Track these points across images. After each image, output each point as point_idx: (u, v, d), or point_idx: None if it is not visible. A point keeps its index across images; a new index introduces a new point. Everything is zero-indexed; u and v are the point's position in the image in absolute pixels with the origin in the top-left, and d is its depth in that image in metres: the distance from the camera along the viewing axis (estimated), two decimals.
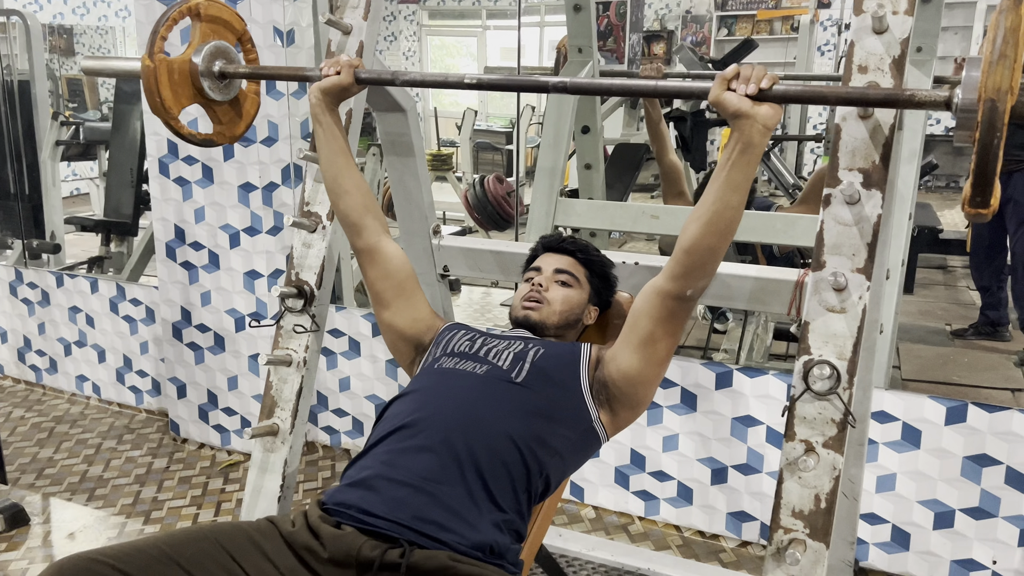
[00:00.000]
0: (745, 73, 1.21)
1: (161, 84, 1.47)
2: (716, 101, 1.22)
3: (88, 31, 8.66)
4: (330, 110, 1.56)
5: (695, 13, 9.78)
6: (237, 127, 1.68)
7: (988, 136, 1.02)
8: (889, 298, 2.29)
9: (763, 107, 1.21)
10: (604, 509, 2.74)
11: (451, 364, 1.53)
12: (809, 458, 1.30)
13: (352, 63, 1.52)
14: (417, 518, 1.28)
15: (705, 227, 1.29)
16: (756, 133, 1.22)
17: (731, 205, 1.27)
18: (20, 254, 4.14)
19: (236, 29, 1.63)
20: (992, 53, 1.01)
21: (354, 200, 1.60)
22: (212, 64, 1.56)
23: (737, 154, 1.24)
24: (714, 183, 1.28)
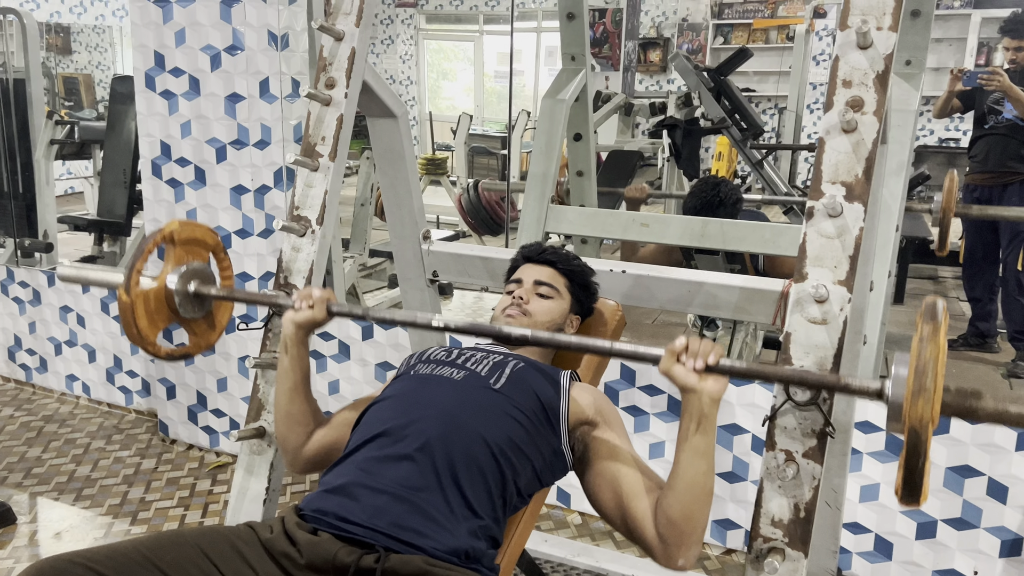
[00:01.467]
0: (693, 348, 1.25)
1: (138, 316, 1.48)
2: (666, 372, 1.26)
3: (85, 30, 8.66)
4: (301, 342, 1.55)
5: (691, 21, 9.82)
6: (211, 336, 1.69)
7: (914, 458, 1.06)
8: (875, 309, 2.31)
9: (708, 381, 1.25)
10: (590, 515, 2.75)
11: (428, 370, 1.54)
12: (789, 467, 1.31)
13: (323, 297, 1.51)
14: (395, 525, 1.29)
15: (684, 499, 1.30)
16: (705, 404, 1.26)
17: (700, 471, 1.29)
18: (12, 253, 4.14)
19: (209, 244, 1.65)
20: (913, 383, 1.05)
21: (301, 430, 1.58)
22: (187, 286, 1.57)
23: (694, 426, 1.28)
24: (680, 456, 1.30)
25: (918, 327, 1.09)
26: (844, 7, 1.38)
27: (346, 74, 1.78)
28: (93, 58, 8.87)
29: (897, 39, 1.36)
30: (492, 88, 11.21)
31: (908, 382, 1.07)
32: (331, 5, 1.83)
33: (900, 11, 1.36)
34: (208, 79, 2.80)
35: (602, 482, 1.43)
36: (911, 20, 2.40)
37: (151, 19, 2.81)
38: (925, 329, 1.09)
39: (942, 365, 1.07)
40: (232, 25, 2.73)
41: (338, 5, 1.82)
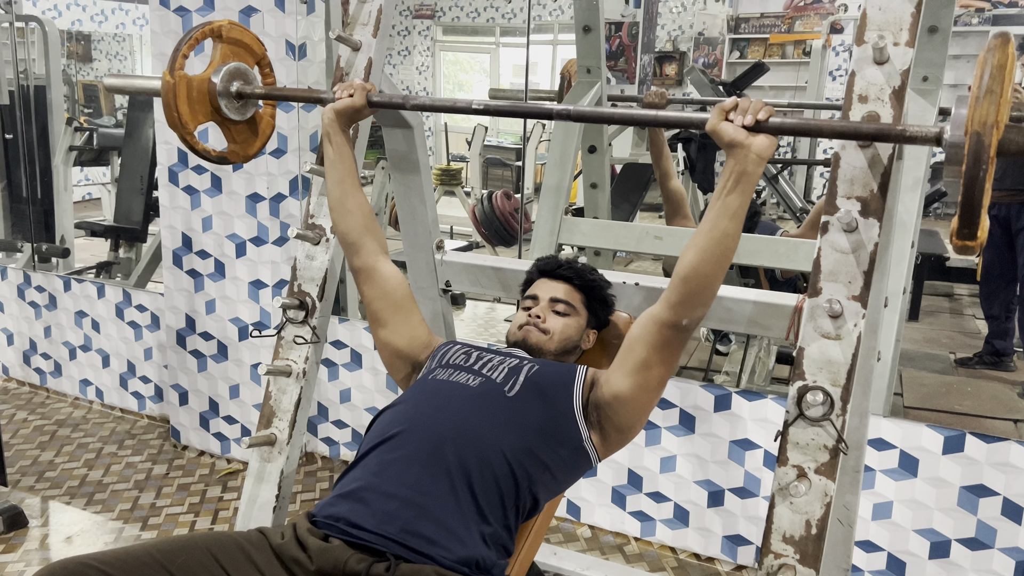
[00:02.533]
0: (743, 105, 1.25)
1: (179, 100, 1.50)
2: (713, 130, 1.26)
3: (106, 38, 8.75)
4: (342, 131, 1.60)
5: (708, 35, 9.82)
6: (251, 147, 1.71)
7: (974, 169, 1.04)
8: (889, 325, 2.29)
9: (758, 137, 1.25)
10: (600, 529, 2.73)
11: (444, 376, 1.54)
12: (801, 483, 1.31)
13: (365, 87, 1.56)
14: (405, 531, 1.29)
15: (701, 254, 1.31)
16: (751, 162, 1.25)
17: (727, 232, 1.29)
18: (29, 257, 4.18)
19: (256, 53, 1.67)
20: (979, 88, 1.03)
21: (356, 220, 1.63)
22: (230, 84, 1.59)
23: (732, 182, 1.27)
24: (710, 211, 1.30)
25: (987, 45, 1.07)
26: (861, 22, 1.38)
27: None
28: (113, 66, 8.97)
29: (914, 55, 1.36)
30: None
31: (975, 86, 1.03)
32: (349, 16, 1.84)
33: (917, 27, 1.36)
34: None
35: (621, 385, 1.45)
36: (928, 36, 2.39)
37: (171, 28, 2.84)
38: (994, 41, 1.05)
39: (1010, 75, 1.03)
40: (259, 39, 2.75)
41: (356, 16, 1.83)
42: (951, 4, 2.39)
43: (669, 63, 9.92)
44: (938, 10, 2.36)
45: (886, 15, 1.36)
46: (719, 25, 9.82)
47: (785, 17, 9.59)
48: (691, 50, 9.87)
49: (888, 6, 1.36)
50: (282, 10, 2.72)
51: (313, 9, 2.77)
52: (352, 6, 1.83)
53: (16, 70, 4.27)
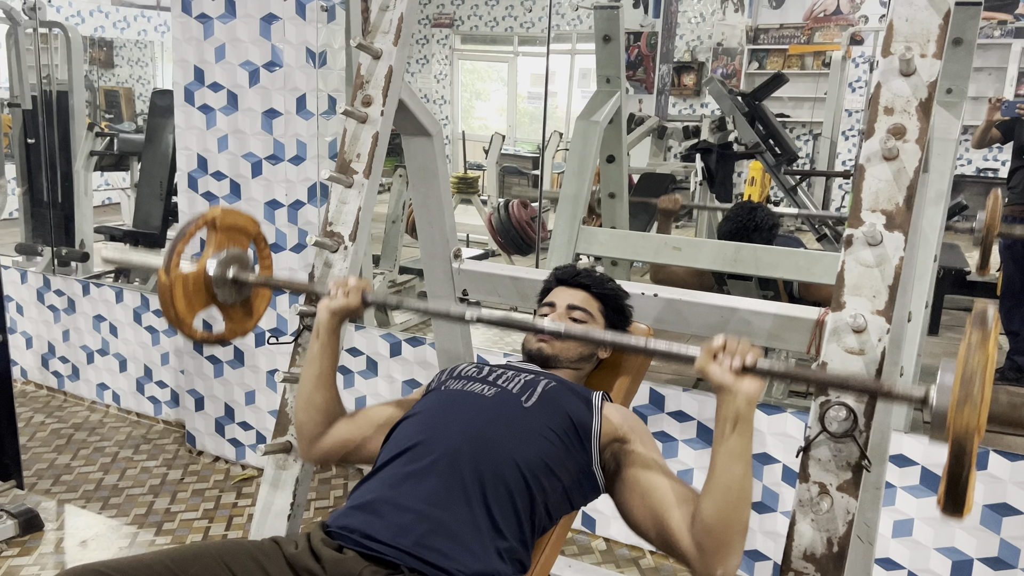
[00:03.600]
0: (730, 347, 1.24)
1: (176, 298, 1.50)
2: (701, 370, 1.25)
3: (128, 44, 8.84)
4: (333, 330, 1.57)
5: (726, 46, 9.80)
6: (248, 323, 1.71)
7: (957, 468, 1.03)
8: (911, 340, 2.27)
9: (745, 381, 1.23)
10: (615, 541, 2.71)
11: (459, 386, 1.53)
12: (823, 500, 1.28)
13: (359, 286, 1.54)
14: (420, 544, 1.28)
15: (721, 505, 1.26)
16: (741, 405, 1.23)
17: (737, 475, 1.25)
18: (49, 261, 4.21)
19: (250, 232, 1.67)
20: (960, 391, 1.02)
21: (319, 417, 1.58)
22: (226, 272, 1.59)
23: (729, 428, 1.24)
24: (716, 458, 1.26)
25: (967, 333, 1.05)
26: (887, 34, 1.37)
27: (383, 92, 1.79)
28: (134, 72, 9.05)
29: (941, 67, 1.34)
30: (525, 109, 11.24)
31: (954, 390, 1.03)
32: (369, 24, 1.84)
33: (945, 39, 1.34)
34: (246, 94, 2.83)
35: (635, 497, 1.41)
36: (953, 48, 2.38)
37: (192, 34, 2.86)
38: (974, 336, 1.05)
39: (991, 373, 1.03)
40: (271, 42, 2.77)
41: (376, 24, 1.83)
42: (976, 16, 2.37)
43: (687, 73, 9.91)
44: (963, 22, 2.34)
45: (913, 27, 1.35)
46: (738, 36, 9.80)
47: (805, 28, 9.56)
48: (709, 60, 9.86)
49: (915, 17, 1.35)
50: (303, 18, 2.73)
51: (334, 17, 2.78)
52: (373, 14, 1.83)
53: (39, 75, 4.31)
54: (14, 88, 4.43)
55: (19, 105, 4.37)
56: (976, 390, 1.01)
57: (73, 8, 7.52)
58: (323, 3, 2.72)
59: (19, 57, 4.37)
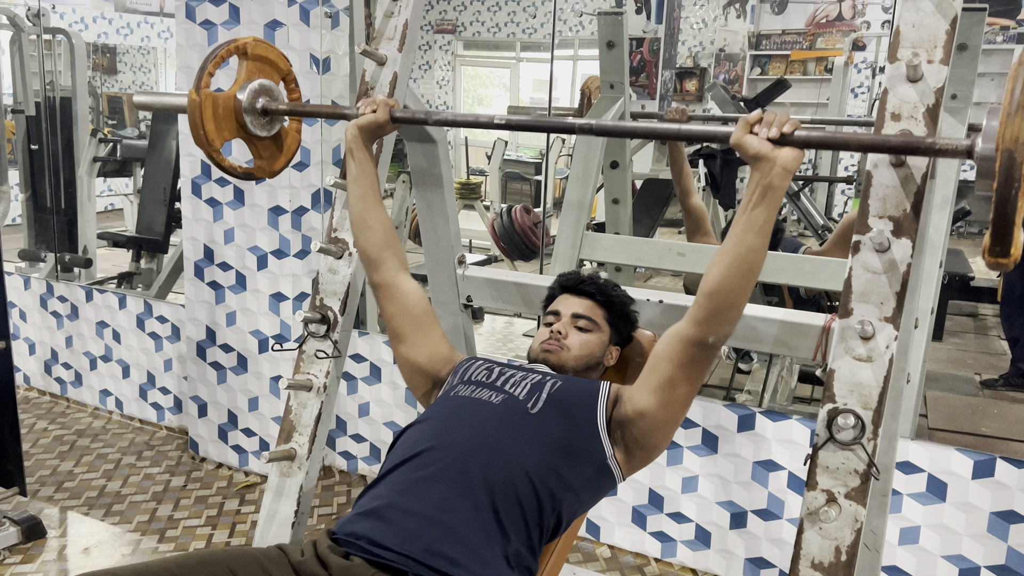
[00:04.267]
0: (768, 118, 1.24)
1: (206, 118, 1.51)
2: (738, 143, 1.24)
3: (131, 51, 8.86)
4: (365, 147, 1.60)
5: (729, 51, 9.80)
6: (277, 162, 1.72)
7: (1006, 187, 1.02)
8: (917, 346, 2.26)
9: (784, 150, 1.23)
10: (620, 549, 2.70)
11: (467, 392, 1.52)
12: (831, 508, 1.28)
13: (388, 102, 1.57)
14: (428, 551, 1.27)
15: (727, 270, 1.28)
16: (776, 176, 1.23)
17: (753, 247, 1.26)
18: (52, 267, 4.21)
19: (281, 69, 1.68)
20: (1011, 103, 1.01)
21: (376, 236, 1.62)
22: (256, 101, 1.60)
23: (758, 196, 1.24)
24: (736, 226, 1.28)
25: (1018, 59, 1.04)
26: (894, 39, 1.36)
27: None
28: (137, 78, 9.07)
29: (948, 73, 1.34)
30: None
31: (1006, 102, 1.01)
32: (374, 30, 1.84)
33: (952, 44, 1.33)
34: None
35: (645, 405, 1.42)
36: (958, 54, 2.37)
37: (196, 40, 2.86)
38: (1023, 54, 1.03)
39: None
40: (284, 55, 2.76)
41: (381, 30, 1.83)
42: (981, 22, 2.37)
43: (690, 79, 9.91)
44: (968, 28, 2.34)
45: (920, 32, 1.34)
46: (740, 41, 9.81)
47: (807, 34, 9.56)
48: (712, 66, 9.86)
49: (922, 23, 1.34)
50: (307, 24, 2.73)
51: (338, 23, 2.78)
52: (378, 20, 1.83)
53: (43, 82, 4.32)
54: (18, 94, 4.44)
55: (23, 111, 4.38)
56: None
57: (77, 15, 7.54)
58: (327, 9, 2.72)
59: (23, 63, 4.37)
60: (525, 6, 10.75)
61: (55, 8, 6.97)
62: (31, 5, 4.29)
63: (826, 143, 1.31)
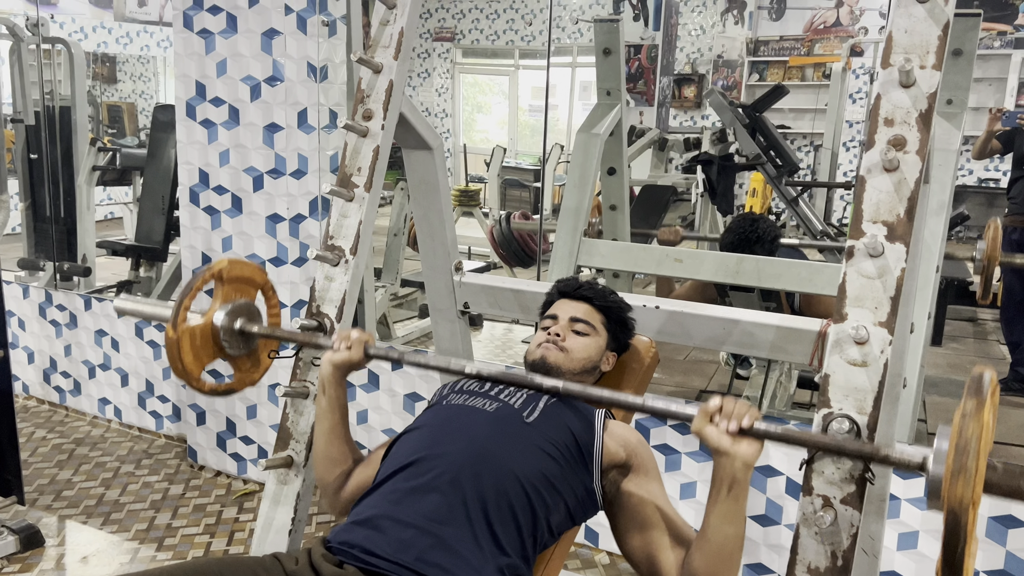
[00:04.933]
0: (727, 409, 1.22)
1: (183, 352, 1.51)
2: (698, 433, 1.24)
3: (131, 60, 8.88)
4: (338, 383, 1.58)
5: (726, 58, 9.83)
6: (255, 373, 1.72)
7: (952, 539, 1.01)
8: (914, 351, 2.26)
9: (742, 445, 1.22)
10: (618, 555, 2.69)
11: (460, 400, 1.53)
12: (826, 514, 1.27)
13: (363, 338, 1.54)
14: (420, 560, 1.27)
15: (711, 561, 1.28)
16: (738, 471, 1.23)
17: (728, 536, 1.27)
18: (51, 276, 4.21)
19: (257, 283, 1.68)
20: (953, 463, 1.00)
21: (339, 469, 1.59)
22: (233, 323, 1.60)
23: (724, 491, 1.25)
24: (708, 518, 1.27)
25: (962, 401, 1.04)
26: (886, 45, 1.37)
27: (383, 106, 1.79)
28: (137, 87, 9.09)
29: (941, 78, 1.34)
30: (526, 122, 11.28)
31: (948, 460, 1.01)
32: (370, 38, 1.85)
33: (944, 50, 1.34)
34: (247, 109, 2.84)
35: (631, 527, 1.41)
36: (953, 59, 2.38)
37: (194, 50, 2.87)
38: (969, 404, 1.03)
39: (986, 444, 1.01)
40: (272, 56, 2.78)
41: (377, 38, 1.83)
42: (976, 27, 2.38)
43: (687, 86, 9.94)
44: (963, 33, 2.35)
45: (912, 38, 1.35)
46: (738, 48, 9.83)
47: (805, 40, 9.59)
48: (710, 72, 9.88)
49: (914, 29, 1.35)
50: (304, 33, 2.74)
51: (335, 32, 2.79)
52: (374, 28, 1.83)
53: (42, 91, 4.33)
54: (17, 104, 4.45)
55: (22, 121, 4.39)
56: (970, 462, 0.99)
57: (76, 24, 7.56)
58: (324, 18, 2.73)
59: (22, 73, 4.39)
60: (523, 14, 10.78)
61: (54, 18, 7.00)
62: (30, 15, 4.31)
63: (784, 438, 1.27)
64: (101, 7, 8.07)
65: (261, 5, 2.76)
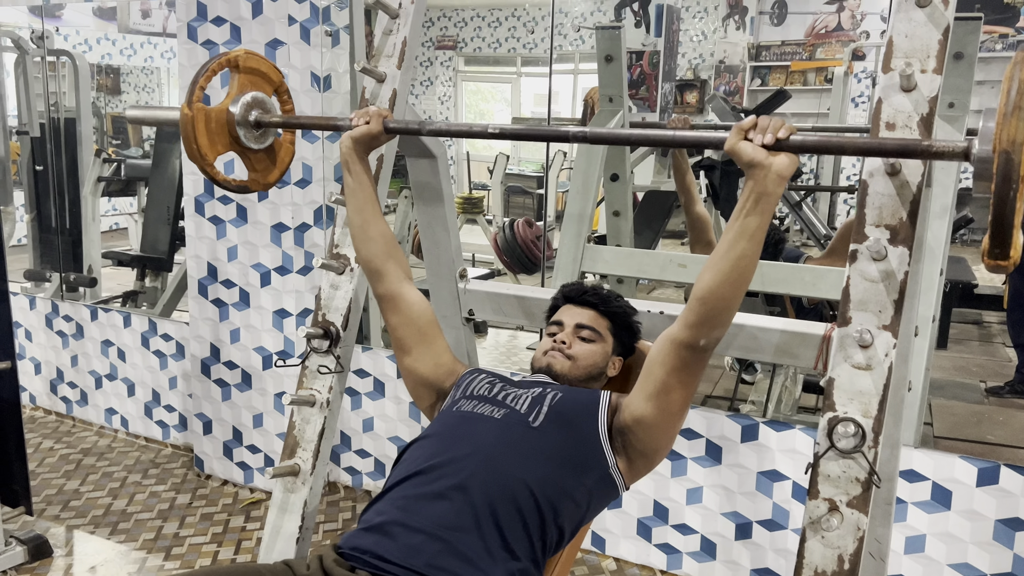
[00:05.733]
0: (762, 124, 1.23)
1: (198, 132, 1.51)
2: (732, 150, 1.24)
3: (135, 71, 8.92)
4: (360, 159, 1.60)
5: (729, 63, 9.84)
6: (271, 174, 1.72)
7: (1004, 188, 1.02)
8: (919, 354, 2.26)
9: (779, 156, 1.22)
10: (625, 561, 2.69)
11: (469, 408, 1.53)
12: (833, 517, 1.28)
13: (381, 113, 1.56)
14: (431, 566, 1.28)
15: (719, 275, 1.29)
16: (771, 182, 1.23)
17: (745, 254, 1.27)
18: (57, 287, 4.23)
19: (273, 81, 1.68)
20: (1006, 104, 1.01)
21: (378, 247, 1.63)
22: (248, 113, 1.60)
23: (752, 203, 1.24)
24: (729, 231, 1.28)
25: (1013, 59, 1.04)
26: (887, 50, 1.37)
27: None
28: (141, 98, 9.13)
29: (942, 82, 1.35)
30: None
31: (1001, 103, 1.01)
32: (373, 48, 1.86)
33: (945, 54, 1.35)
34: None
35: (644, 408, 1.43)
36: (954, 63, 2.38)
37: (198, 60, 2.88)
38: (1021, 55, 1.03)
39: None
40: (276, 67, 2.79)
41: (380, 48, 1.85)
42: (977, 30, 2.38)
43: (690, 91, 9.94)
44: (964, 36, 2.35)
45: (912, 42, 1.35)
46: (740, 53, 9.84)
47: (806, 45, 9.60)
48: (712, 78, 9.89)
49: (914, 33, 1.35)
50: (307, 43, 2.75)
51: (338, 42, 2.80)
52: (377, 38, 1.85)
53: (47, 103, 4.36)
54: (22, 116, 4.47)
55: (27, 133, 4.41)
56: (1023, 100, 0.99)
57: (80, 36, 7.60)
58: (327, 28, 2.75)
59: (27, 85, 4.41)
60: (525, 21, 10.81)
61: (59, 30, 7.03)
62: (35, 28, 4.33)
63: (821, 147, 1.31)
64: (105, 19, 8.12)
65: (265, 16, 2.77)
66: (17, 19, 5.15)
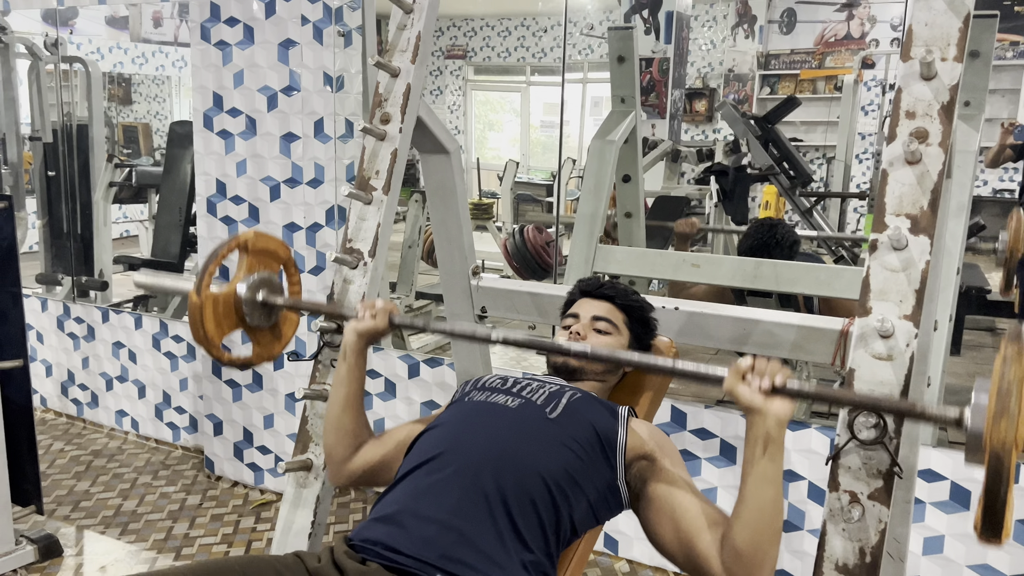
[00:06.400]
0: (759, 367, 1.22)
1: (206, 318, 1.51)
2: (730, 391, 1.23)
3: (146, 80, 8.98)
4: (360, 352, 1.57)
5: (738, 71, 9.84)
6: (275, 348, 1.71)
7: (995, 484, 1.01)
8: (937, 352, 2.24)
9: (775, 402, 1.21)
10: (639, 563, 2.67)
11: (482, 397, 1.52)
12: (854, 509, 1.26)
13: (387, 308, 1.54)
14: (444, 557, 1.26)
15: (750, 529, 1.24)
16: (772, 427, 1.21)
17: (768, 499, 1.23)
18: (69, 290, 4.24)
19: (281, 257, 1.68)
20: (996, 403, 1.00)
21: (348, 441, 1.58)
22: (256, 294, 1.60)
23: (760, 449, 1.22)
24: (746, 482, 1.24)
25: (1002, 349, 1.04)
26: (907, 39, 1.36)
27: (401, 110, 1.80)
28: (151, 108, 9.18)
29: (962, 71, 1.34)
30: (537, 138, 11.32)
31: (990, 404, 1.01)
32: (387, 43, 1.86)
33: (965, 42, 1.34)
34: (264, 119, 2.86)
35: (662, 518, 1.38)
36: (970, 61, 2.37)
37: (211, 61, 2.89)
38: (1009, 349, 1.03)
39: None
40: (289, 67, 2.80)
41: (394, 43, 1.85)
42: (993, 29, 2.37)
43: (699, 100, 9.95)
44: (980, 34, 2.34)
45: (933, 31, 1.35)
46: (749, 61, 9.85)
47: (816, 53, 9.60)
48: (721, 86, 9.89)
49: (935, 22, 1.35)
50: (320, 43, 2.76)
51: (351, 42, 2.81)
52: (391, 33, 1.85)
53: (60, 110, 4.38)
54: (35, 122, 4.50)
55: (40, 139, 4.44)
56: (1013, 403, 0.99)
57: (93, 45, 7.65)
58: (340, 28, 2.76)
59: (40, 92, 4.44)
60: (534, 31, 10.84)
61: (72, 38, 7.08)
62: (49, 34, 4.36)
63: (817, 396, 1.29)
64: (117, 28, 8.18)
65: (278, 16, 2.78)
66: (31, 26, 5.19)
